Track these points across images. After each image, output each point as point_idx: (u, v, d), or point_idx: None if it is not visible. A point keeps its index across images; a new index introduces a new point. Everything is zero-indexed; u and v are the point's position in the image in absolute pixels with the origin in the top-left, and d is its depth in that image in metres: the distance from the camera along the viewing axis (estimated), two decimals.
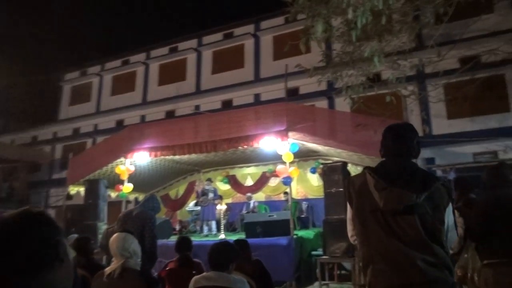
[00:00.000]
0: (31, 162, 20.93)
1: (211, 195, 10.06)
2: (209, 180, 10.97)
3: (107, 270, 3.13)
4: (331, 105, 14.79)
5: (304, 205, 11.05)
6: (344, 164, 7.64)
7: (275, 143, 8.24)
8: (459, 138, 11.54)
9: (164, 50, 20.82)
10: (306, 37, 5.24)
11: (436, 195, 1.77)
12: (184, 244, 4.03)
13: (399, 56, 7.58)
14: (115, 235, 3.23)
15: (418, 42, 12.20)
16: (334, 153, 9.99)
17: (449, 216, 1.83)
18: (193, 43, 19.98)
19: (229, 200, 12.72)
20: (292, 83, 13.64)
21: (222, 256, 2.72)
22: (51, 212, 18.88)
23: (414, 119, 12.04)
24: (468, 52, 12.03)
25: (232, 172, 13.02)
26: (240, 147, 9.03)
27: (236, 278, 2.60)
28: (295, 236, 7.46)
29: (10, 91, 22.59)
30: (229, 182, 13.04)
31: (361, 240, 1.91)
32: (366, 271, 1.85)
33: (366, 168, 1.96)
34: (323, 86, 13.25)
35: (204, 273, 2.65)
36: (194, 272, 3.84)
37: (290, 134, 8.13)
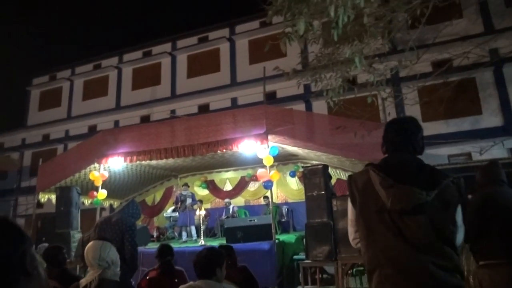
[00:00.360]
0: None
1: (189, 200, 9.84)
2: (186, 185, 10.73)
3: (83, 281, 2.91)
4: (309, 109, 14.86)
5: (285, 209, 10.98)
6: (325, 166, 7.57)
7: (254, 147, 8.12)
8: (434, 140, 11.76)
9: (138, 54, 20.44)
10: (287, 36, 5.14)
11: (447, 192, 1.66)
12: (166, 250, 3.84)
13: (375, 60, 7.63)
14: (90, 243, 3.01)
15: (392, 46, 12.45)
16: (314, 156, 9.95)
17: (459, 215, 1.72)
18: (167, 47, 19.69)
19: (208, 206, 12.51)
20: (269, 87, 13.63)
21: (209, 262, 2.55)
22: (20, 222, 18.06)
23: None
24: (440, 56, 12.33)
25: (210, 177, 12.82)
26: (219, 151, 8.84)
27: (226, 286, 2.44)
28: (277, 241, 7.33)
29: None
30: (207, 187, 12.82)
31: (366, 243, 1.77)
32: (371, 277, 1.71)
33: (368, 165, 1.83)
34: (301, 90, 13.28)
35: (191, 282, 2.47)
36: (176, 281, 3.66)
37: (270, 137, 8.04)
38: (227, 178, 12.79)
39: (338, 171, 10.34)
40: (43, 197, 10.24)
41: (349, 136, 7.89)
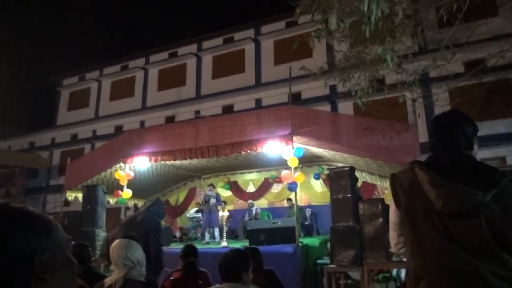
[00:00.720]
0: (28, 168, 20.60)
1: (213, 200, 9.79)
2: (211, 185, 10.70)
3: (107, 281, 2.85)
4: (334, 110, 14.62)
5: (308, 212, 10.78)
6: (352, 169, 7.34)
7: (279, 148, 7.99)
8: None
9: (164, 55, 20.67)
10: (316, 33, 4.98)
11: (506, 193, 1.47)
12: (190, 250, 3.76)
13: (408, 58, 7.36)
14: (116, 241, 2.94)
15: (423, 44, 12.06)
16: (339, 158, 9.73)
17: None
18: (192, 48, 19.83)
19: (231, 207, 12.44)
20: (294, 88, 13.44)
21: (234, 266, 2.44)
22: None
23: (422, 123, 11.85)
24: (473, 56, 11.86)
25: (233, 178, 12.75)
26: (243, 152, 8.76)
27: None
28: (300, 244, 7.17)
29: (7, 96, 22.42)
30: (230, 189, 12.76)
31: (412, 249, 1.61)
32: (417, 286, 1.54)
33: (414, 162, 1.67)
34: (326, 91, 13.03)
35: (217, 285, 2.37)
36: (200, 282, 3.58)
37: (295, 138, 7.89)
38: (250, 180, 12.70)
39: (364, 174, 10.06)
40: (70, 196, 10.43)
41: (377, 137, 7.64)
